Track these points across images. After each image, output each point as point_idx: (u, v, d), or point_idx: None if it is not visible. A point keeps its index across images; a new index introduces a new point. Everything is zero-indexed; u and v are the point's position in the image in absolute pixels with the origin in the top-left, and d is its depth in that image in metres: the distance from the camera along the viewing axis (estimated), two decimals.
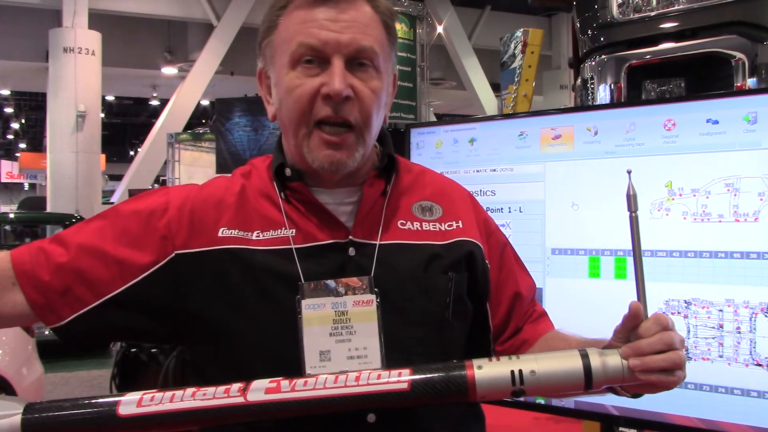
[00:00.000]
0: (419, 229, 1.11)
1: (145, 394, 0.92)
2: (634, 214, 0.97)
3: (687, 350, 1.58)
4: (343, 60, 1.02)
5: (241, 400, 0.91)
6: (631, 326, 0.93)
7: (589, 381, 0.91)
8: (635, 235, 0.96)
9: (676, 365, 0.91)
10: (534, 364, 0.92)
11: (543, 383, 0.91)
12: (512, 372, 0.91)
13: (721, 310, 1.55)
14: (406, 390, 0.91)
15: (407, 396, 0.91)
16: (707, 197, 1.57)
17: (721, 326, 1.55)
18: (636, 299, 0.95)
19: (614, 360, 0.92)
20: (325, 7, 1.04)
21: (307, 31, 1.03)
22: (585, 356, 0.92)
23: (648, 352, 0.91)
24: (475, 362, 0.92)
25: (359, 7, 1.05)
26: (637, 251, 0.96)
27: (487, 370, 0.92)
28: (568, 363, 0.92)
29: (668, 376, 0.91)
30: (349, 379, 0.92)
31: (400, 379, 0.91)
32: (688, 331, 1.59)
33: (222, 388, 0.92)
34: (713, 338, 1.56)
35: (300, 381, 0.92)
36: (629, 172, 0.99)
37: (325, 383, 0.91)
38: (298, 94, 1.03)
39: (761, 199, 1.51)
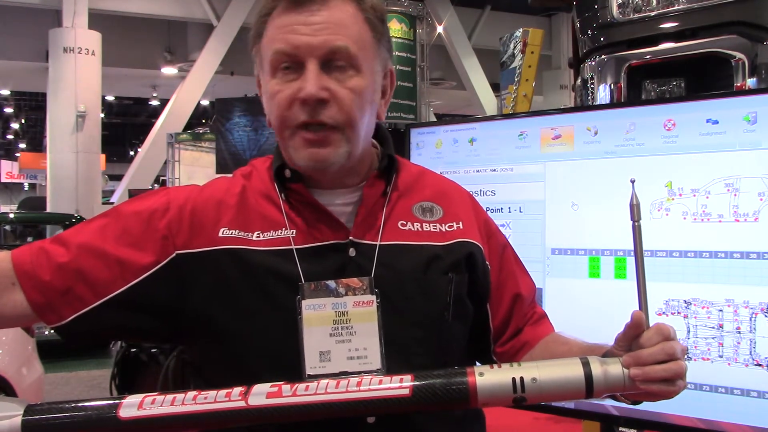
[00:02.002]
0: (420, 229, 1.11)
1: (146, 396, 0.92)
2: (637, 224, 0.97)
3: (687, 350, 1.58)
4: (317, 63, 1.02)
5: (242, 404, 0.91)
6: (633, 335, 0.94)
7: (590, 389, 0.92)
8: (638, 244, 0.96)
9: (677, 375, 0.91)
10: (535, 371, 0.92)
11: (544, 391, 0.92)
12: (513, 379, 0.91)
13: (721, 310, 1.55)
14: (408, 396, 0.91)
15: (408, 402, 0.91)
16: (707, 197, 1.57)
17: (721, 326, 1.55)
18: (638, 307, 0.95)
19: (615, 368, 0.92)
20: (300, 10, 1.03)
21: (282, 37, 1.04)
22: (586, 364, 0.92)
23: (649, 361, 0.91)
24: (477, 369, 0.93)
25: (336, 7, 1.05)
26: (639, 260, 0.96)
27: (489, 377, 0.92)
28: (570, 371, 0.92)
29: (669, 386, 0.91)
30: (351, 384, 0.92)
31: (402, 384, 0.92)
32: (688, 331, 1.59)
33: (223, 391, 0.92)
34: (713, 338, 1.56)
35: (301, 386, 0.92)
36: (633, 182, 0.99)
37: (327, 388, 0.92)
38: (278, 101, 1.04)
39: (761, 199, 1.51)
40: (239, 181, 1.14)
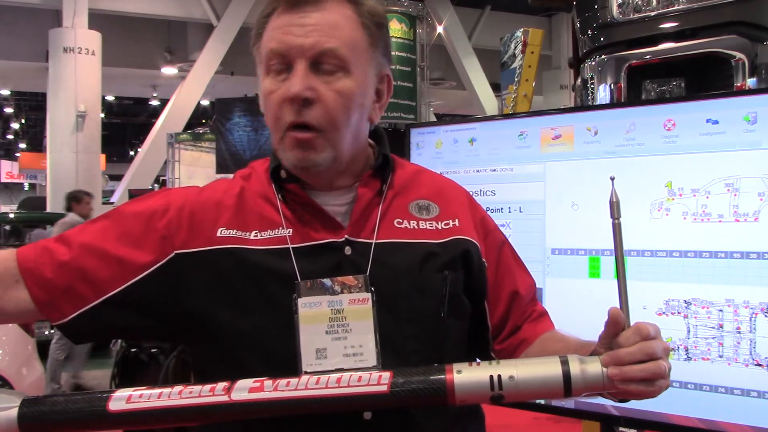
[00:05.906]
0: (416, 227, 1.11)
1: (134, 390, 0.95)
2: (617, 221, 0.97)
3: (687, 350, 1.59)
4: (305, 63, 1.03)
5: (225, 398, 0.93)
6: (612, 333, 0.93)
7: (568, 388, 0.91)
8: (618, 242, 0.97)
9: (656, 376, 0.90)
10: (513, 369, 0.92)
11: (522, 389, 0.91)
12: (491, 377, 0.91)
13: (721, 310, 1.55)
14: (386, 393, 0.92)
15: (386, 398, 0.92)
16: (707, 197, 1.58)
17: (721, 326, 1.55)
18: (618, 305, 0.95)
19: (594, 368, 0.92)
20: (296, 11, 1.05)
21: (276, 37, 1.05)
22: (565, 363, 0.92)
23: (627, 361, 0.90)
24: (456, 366, 0.93)
25: (332, 9, 1.05)
26: (620, 258, 0.96)
27: (467, 375, 0.92)
28: (548, 369, 0.92)
29: (648, 386, 0.90)
30: (331, 380, 0.93)
31: (381, 381, 0.93)
32: (688, 331, 1.59)
33: (208, 386, 0.94)
34: (713, 338, 1.56)
35: (282, 381, 0.94)
36: (612, 179, 1.00)
37: (307, 384, 0.93)
38: (271, 101, 1.06)
39: (761, 199, 1.51)
40: (238, 182, 1.15)
